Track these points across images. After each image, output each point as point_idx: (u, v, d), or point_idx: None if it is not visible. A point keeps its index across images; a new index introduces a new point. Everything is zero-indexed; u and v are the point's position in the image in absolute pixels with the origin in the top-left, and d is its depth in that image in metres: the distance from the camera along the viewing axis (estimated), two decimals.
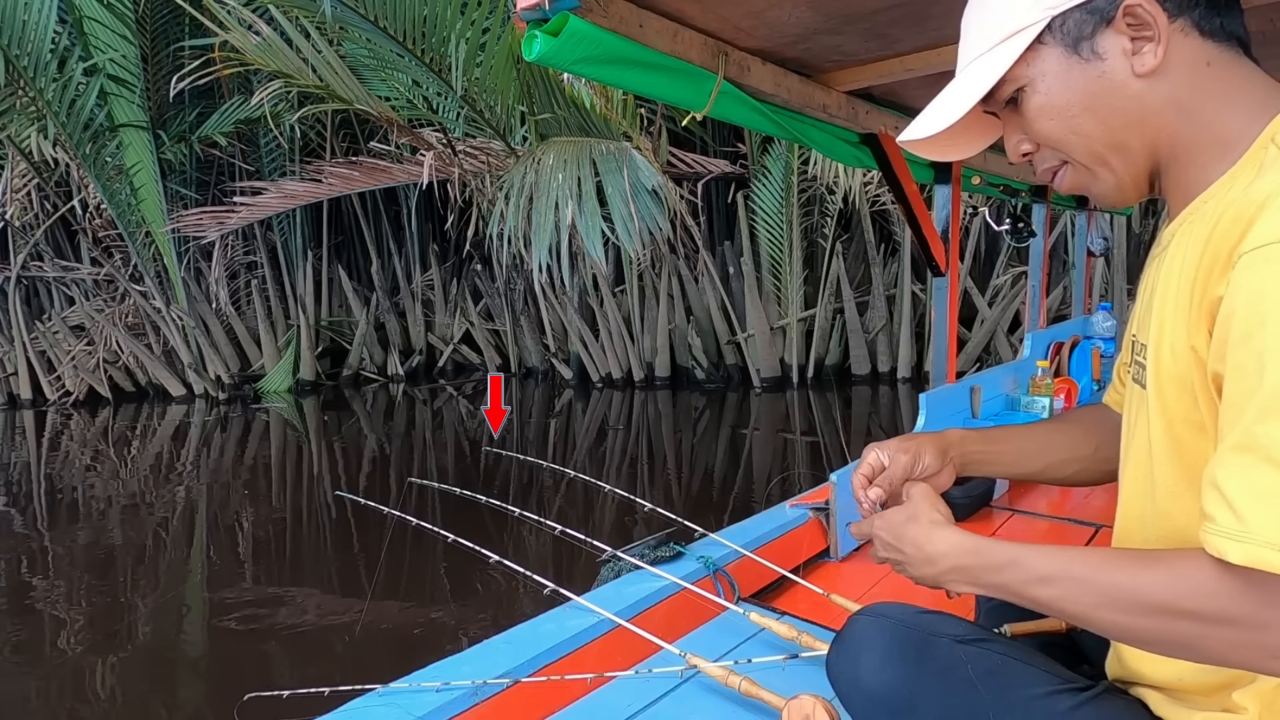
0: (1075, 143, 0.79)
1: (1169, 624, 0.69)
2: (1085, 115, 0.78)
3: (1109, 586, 0.72)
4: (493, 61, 5.87)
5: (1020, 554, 0.78)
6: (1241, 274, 0.63)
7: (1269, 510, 0.60)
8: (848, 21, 1.44)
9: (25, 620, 3.31)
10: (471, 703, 1.24)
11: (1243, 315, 0.63)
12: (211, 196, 8.95)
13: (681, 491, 4.66)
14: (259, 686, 1.40)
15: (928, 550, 0.85)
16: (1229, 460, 0.63)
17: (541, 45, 1.17)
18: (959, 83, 0.82)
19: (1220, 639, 0.66)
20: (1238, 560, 0.61)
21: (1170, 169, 0.78)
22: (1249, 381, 0.62)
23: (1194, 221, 0.73)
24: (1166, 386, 0.75)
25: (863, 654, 0.86)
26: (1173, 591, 0.68)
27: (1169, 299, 0.74)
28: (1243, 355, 0.63)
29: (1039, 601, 0.77)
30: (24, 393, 8.80)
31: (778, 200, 7.55)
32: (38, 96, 7.17)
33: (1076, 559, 0.75)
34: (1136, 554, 0.73)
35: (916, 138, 0.84)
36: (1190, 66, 0.74)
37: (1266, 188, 0.64)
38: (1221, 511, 0.63)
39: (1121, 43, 0.74)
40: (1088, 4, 0.74)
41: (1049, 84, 0.78)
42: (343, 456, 6.19)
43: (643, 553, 1.70)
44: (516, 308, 9.43)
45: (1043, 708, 0.82)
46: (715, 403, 7.51)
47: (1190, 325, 0.70)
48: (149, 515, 4.67)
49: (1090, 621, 0.74)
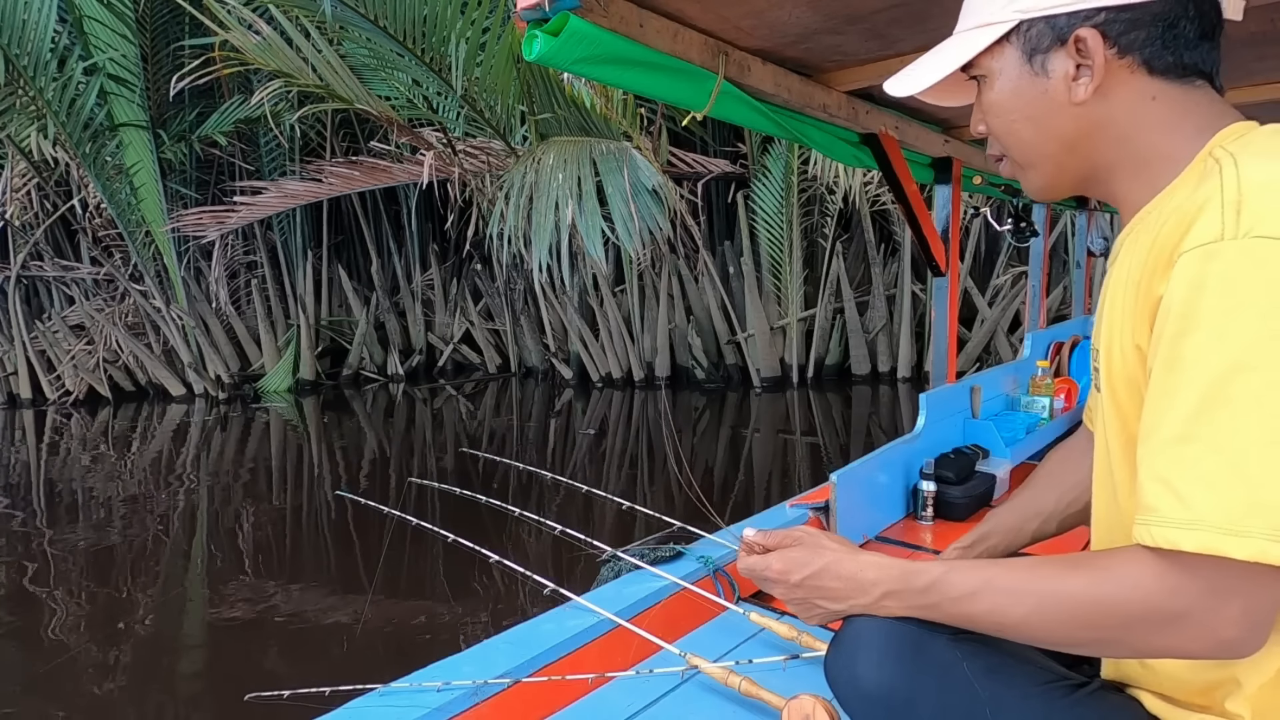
0: (1012, 143, 0.85)
1: (1107, 625, 0.70)
2: (1025, 123, 0.82)
3: (1038, 594, 0.73)
4: (493, 61, 5.87)
5: (943, 572, 0.80)
6: (1180, 271, 0.65)
7: (1219, 498, 0.62)
8: (848, 21, 1.44)
9: (25, 620, 3.31)
10: (472, 702, 1.24)
11: (1179, 311, 0.65)
12: (211, 196, 8.95)
13: (681, 491, 4.66)
14: (260, 686, 1.40)
15: (861, 578, 0.85)
16: (1172, 452, 0.64)
17: (542, 45, 1.17)
18: (941, 50, 0.87)
19: (1165, 632, 0.67)
20: (1192, 548, 0.63)
21: (1114, 182, 0.82)
22: (1186, 374, 0.64)
23: (1140, 230, 0.77)
24: (1118, 387, 0.77)
25: (859, 654, 0.86)
26: (1106, 591, 0.69)
27: (1117, 303, 0.77)
28: (1180, 348, 0.65)
29: (971, 618, 0.78)
30: (24, 392, 8.80)
31: (778, 200, 7.55)
32: (38, 96, 7.16)
33: (1000, 570, 0.77)
34: (1062, 559, 0.75)
35: (894, 94, 0.92)
36: (1133, 100, 0.77)
37: (1206, 192, 0.66)
38: (1167, 503, 0.64)
39: (1068, 66, 0.78)
40: (1051, 19, 0.77)
41: (1002, 84, 0.82)
42: (343, 456, 6.19)
43: (643, 553, 1.70)
44: (516, 307, 9.43)
45: (1039, 703, 0.82)
46: (715, 402, 7.51)
47: (1135, 325, 0.73)
48: (149, 515, 4.67)
49: (1026, 632, 0.75)
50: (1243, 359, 0.61)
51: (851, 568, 0.86)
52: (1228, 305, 0.62)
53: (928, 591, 0.81)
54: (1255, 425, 0.61)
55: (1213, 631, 0.65)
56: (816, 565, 0.88)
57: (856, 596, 0.86)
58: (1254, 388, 0.61)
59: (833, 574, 0.87)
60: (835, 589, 0.87)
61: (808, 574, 0.88)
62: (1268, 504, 0.61)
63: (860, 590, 0.85)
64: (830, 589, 0.87)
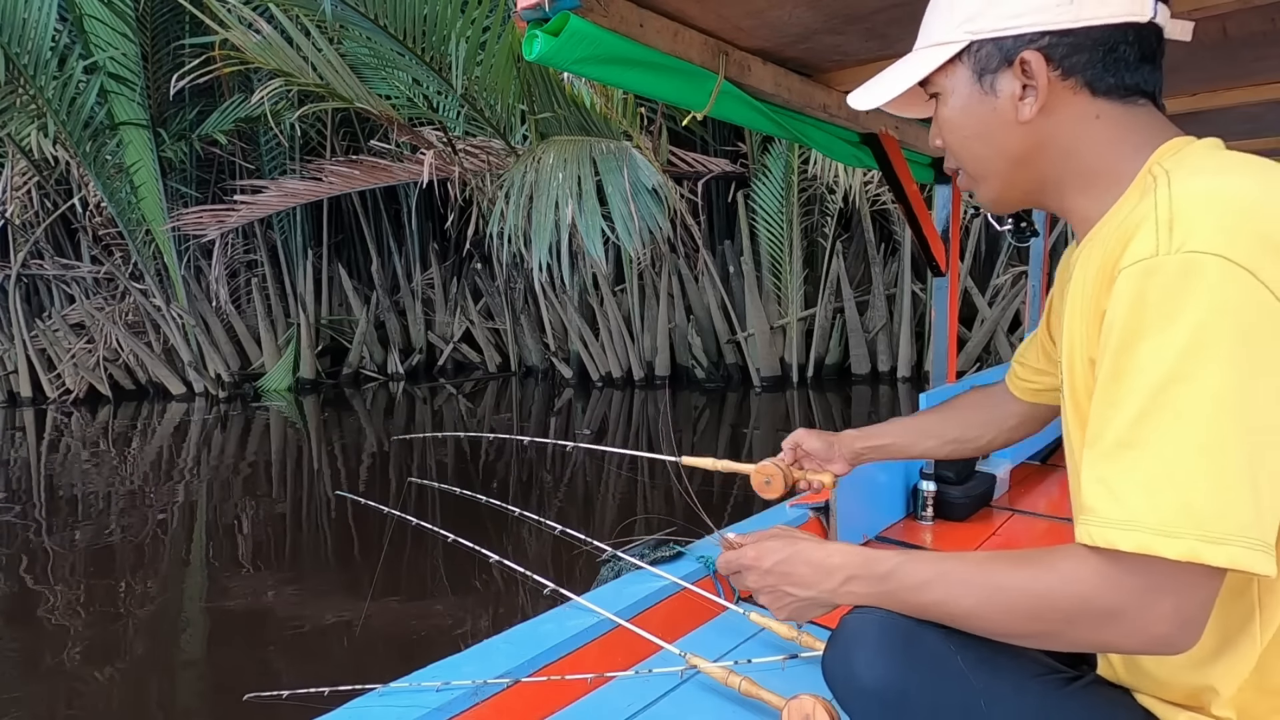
0: (966, 158, 0.89)
1: (1048, 619, 0.74)
2: (976, 140, 0.86)
3: (986, 586, 0.77)
4: (493, 60, 5.87)
5: (901, 561, 0.84)
6: (1119, 287, 0.69)
7: (1153, 500, 0.65)
8: (848, 21, 1.44)
9: (23, 618, 3.31)
10: (472, 702, 1.24)
11: (1121, 324, 0.68)
12: (212, 195, 8.95)
13: (680, 491, 4.66)
14: (259, 685, 1.40)
15: (827, 562, 0.90)
16: (1112, 456, 0.68)
17: (542, 45, 1.17)
18: (899, 66, 0.91)
19: (1102, 627, 0.71)
20: (1129, 548, 0.66)
21: (1063, 196, 0.86)
22: (1127, 384, 0.67)
23: (1092, 246, 0.81)
24: (1081, 399, 0.80)
25: (854, 651, 0.87)
26: (1046, 585, 0.73)
27: (1075, 318, 0.81)
28: (1122, 360, 0.68)
29: (924, 607, 0.82)
30: (24, 391, 8.80)
31: (778, 199, 7.55)
32: (38, 94, 7.16)
33: (954, 562, 0.81)
34: (1012, 555, 0.78)
35: (857, 107, 0.95)
36: (1077, 119, 0.81)
37: (1143, 210, 0.70)
38: (1106, 504, 0.68)
39: (1014, 87, 0.81)
40: (999, 41, 0.81)
41: (955, 101, 0.86)
42: (342, 455, 6.19)
43: (643, 553, 1.70)
44: (516, 306, 9.43)
45: (1033, 694, 0.83)
46: (715, 402, 7.51)
47: (1088, 339, 0.77)
48: (149, 514, 4.67)
49: (975, 623, 0.79)
50: (1177, 370, 0.65)
51: (819, 554, 0.91)
52: (1163, 319, 0.65)
53: (886, 579, 0.85)
54: (1186, 432, 0.64)
55: (1145, 627, 0.68)
56: (787, 552, 0.93)
57: (823, 581, 0.90)
58: (1186, 397, 0.64)
59: (802, 559, 0.92)
60: (803, 574, 0.91)
61: (778, 559, 0.93)
62: (1196, 506, 0.64)
63: (827, 574, 0.89)
64: (798, 574, 0.91)
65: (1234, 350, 0.63)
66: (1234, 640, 0.74)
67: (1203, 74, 1.84)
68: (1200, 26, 1.41)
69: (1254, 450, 0.64)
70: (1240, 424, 0.63)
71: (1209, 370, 0.64)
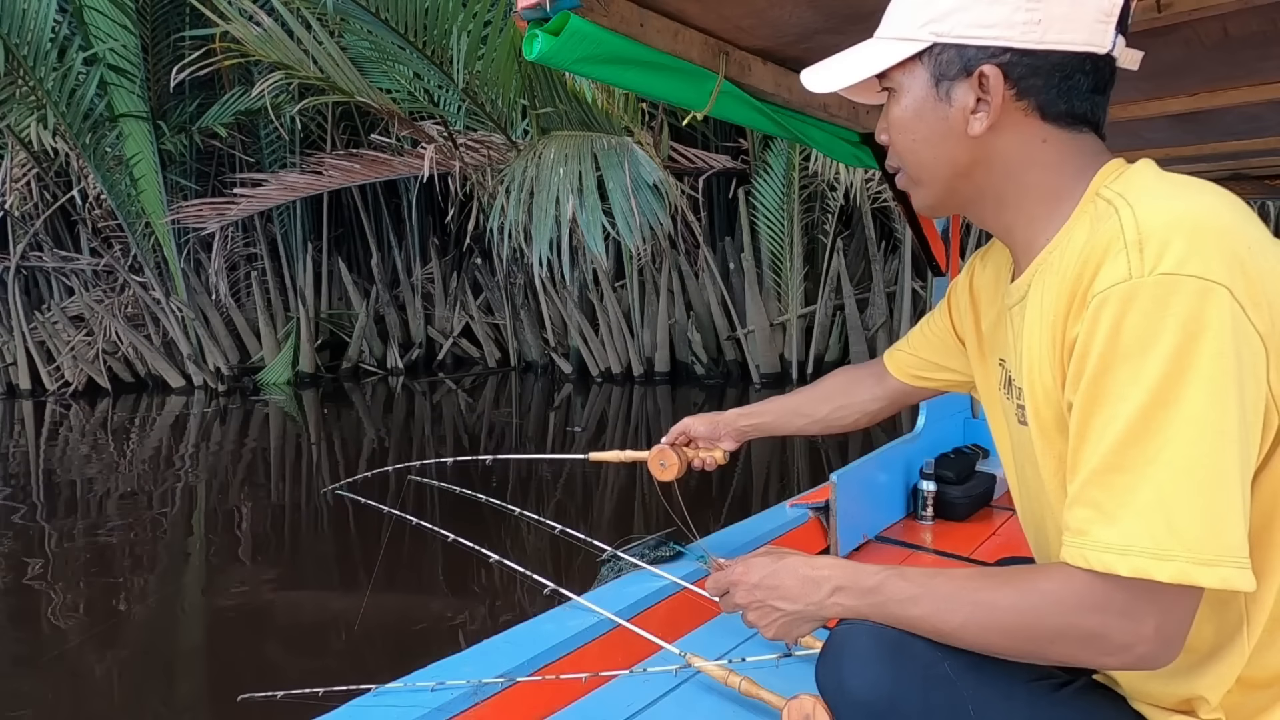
0: (910, 160, 0.89)
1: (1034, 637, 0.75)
2: (924, 145, 0.86)
3: (972, 604, 0.78)
4: (494, 55, 5.85)
5: (888, 575, 0.85)
6: (1093, 313, 0.69)
7: (1146, 524, 0.66)
8: (848, 21, 1.43)
9: (20, 613, 3.31)
10: (470, 703, 1.24)
11: (1099, 350, 0.68)
12: (211, 188, 8.93)
13: (680, 491, 4.66)
14: (254, 685, 1.40)
15: (814, 574, 0.91)
16: (1103, 480, 0.69)
17: (542, 44, 1.17)
18: (858, 51, 0.88)
19: (1086, 646, 0.72)
20: (1126, 573, 0.67)
21: (1001, 212, 0.86)
22: (1111, 409, 0.68)
23: (1045, 272, 0.80)
24: (1050, 428, 0.80)
25: (844, 660, 0.87)
26: (1032, 605, 0.74)
27: (1034, 345, 0.80)
28: (1103, 385, 0.68)
29: (911, 621, 0.83)
30: (23, 383, 8.80)
31: (779, 196, 7.54)
32: (37, 86, 7.14)
33: (940, 579, 0.82)
34: (1000, 572, 0.79)
35: (811, 89, 0.92)
36: (1025, 140, 0.81)
37: (1108, 234, 0.70)
38: (1100, 528, 0.69)
39: (969, 99, 0.81)
40: (962, 49, 0.80)
41: (908, 102, 0.85)
42: (341, 450, 6.19)
43: (642, 552, 1.70)
44: (516, 302, 9.42)
45: (1022, 700, 0.83)
46: (715, 398, 7.51)
47: (1054, 366, 0.76)
48: (147, 507, 4.67)
49: (962, 638, 0.80)
50: (1161, 394, 0.65)
51: (806, 567, 0.93)
52: (1143, 342, 0.66)
53: (874, 591, 0.85)
54: (1174, 456, 0.65)
55: (1129, 646, 0.70)
56: (774, 565, 0.95)
57: (810, 593, 0.91)
58: (1172, 421, 0.65)
59: (789, 571, 0.93)
60: (790, 587, 0.93)
61: (766, 573, 0.95)
62: (1187, 529, 0.65)
63: (814, 586, 0.91)
64: (786, 587, 0.93)
65: (1214, 370, 0.64)
66: (1224, 648, 0.75)
67: (1203, 74, 1.83)
68: (1200, 26, 1.41)
69: (1238, 469, 0.65)
70: (1224, 444, 0.64)
71: (1192, 392, 0.64)
